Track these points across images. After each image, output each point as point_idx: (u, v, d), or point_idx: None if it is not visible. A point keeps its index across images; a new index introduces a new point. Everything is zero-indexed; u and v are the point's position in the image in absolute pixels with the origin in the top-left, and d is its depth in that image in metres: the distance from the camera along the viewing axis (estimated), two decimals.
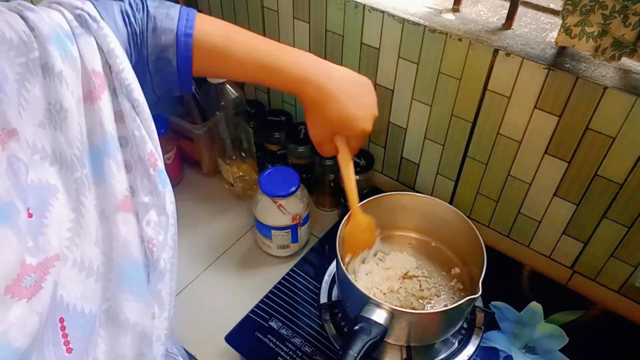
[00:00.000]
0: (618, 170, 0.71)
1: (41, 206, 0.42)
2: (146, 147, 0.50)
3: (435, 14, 0.80)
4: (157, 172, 0.51)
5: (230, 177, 1.02)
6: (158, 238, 0.51)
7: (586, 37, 0.66)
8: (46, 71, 0.44)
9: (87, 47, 0.47)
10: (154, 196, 0.51)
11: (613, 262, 0.79)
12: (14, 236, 0.37)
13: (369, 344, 0.61)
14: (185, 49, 0.55)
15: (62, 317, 0.41)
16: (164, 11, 0.55)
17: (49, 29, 0.44)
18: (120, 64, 0.49)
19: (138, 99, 0.50)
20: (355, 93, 0.60)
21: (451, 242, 0.83)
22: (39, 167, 0.43)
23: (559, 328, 0.79)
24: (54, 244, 0.41)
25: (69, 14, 0.47)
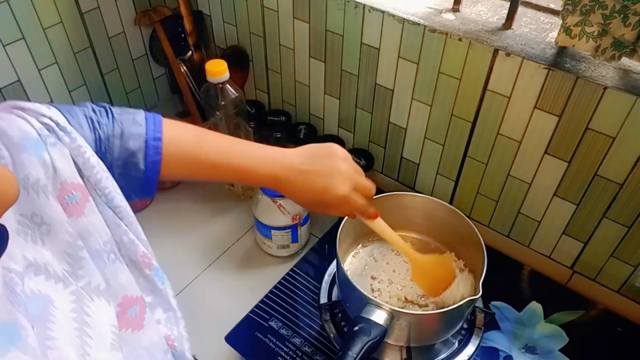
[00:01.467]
0: (618, 170, 0.70)
1: (42, 317, 0.40)
2: (137, 249, 0.51)
3: (435, 14, 0.80)
4: (152, 271, 0.52)
5: None
6: (173, 332, 0.53)
7: (586, 37, 0.66)
8: (24, 183, 0.42)
9: (61, 158, 0.45)
10: (155, 294, 0.53)
11: (613, 262, 0.79)
12: (30, 358, 0.35)
13: (369, 344, 0.61)
14: (154, 152, 0.54)
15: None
16: (130, 117, 0.55)
17: (19, 136, 0.42)
18: (97, 173, 0.48)
19: (120, 205, 0.50)
20: (321, 168, 0.61)
21: (451, 242, 0.83)
22: (31, 278, 0.41)
23: (559, 328, 0.79)
24: (69, 356, 0.39)
25: (36, 122, 0.45)
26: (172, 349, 0.52)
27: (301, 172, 0.60)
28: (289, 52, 1.01)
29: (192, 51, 1.10)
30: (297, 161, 0.61)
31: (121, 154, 0.53)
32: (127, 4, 1.03)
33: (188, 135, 0.58)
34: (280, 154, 0.61)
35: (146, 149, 0.53)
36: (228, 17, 1.08)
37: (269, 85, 1.12)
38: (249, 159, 0.59)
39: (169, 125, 0.57)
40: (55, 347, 0.38)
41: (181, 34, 1.08)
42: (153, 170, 0.54)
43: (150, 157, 0.54)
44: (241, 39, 1.09)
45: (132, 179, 0.54)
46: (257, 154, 0.60)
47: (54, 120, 0.47)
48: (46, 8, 0.90)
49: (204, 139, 0.58)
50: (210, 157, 0.57)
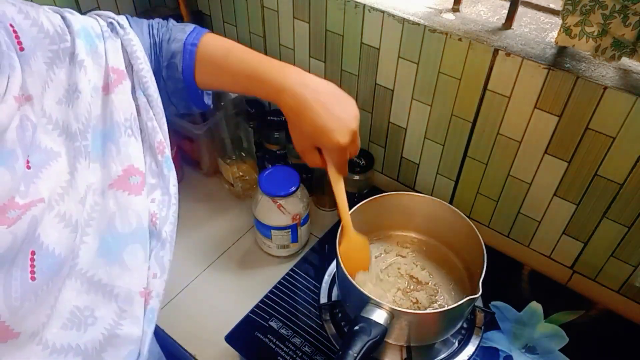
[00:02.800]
0: (618, 170, 0.71)
1: (40, 164, 0.49)
2: (157, 136, 0.59)
3: (435, 14, 0.80)
4: (164, 158, 0.59)
5: (230, 177, 1.02)
6: (161, 213, 0.58)
7: (586, 37, 0.66)
8: (72, 59, 0.53)
9: (112, 48, 0.57)
10: (160, 178, 0.59)
11: (613, 262, 0.79)
12: (8, 175, 0.44)
13: (369, 344, 0.61)
14: (189, 57, 0.62)
15: (34, 250, 0.46)
16: (181, 27, 0.65)
17: (80, 27, 0.54)
18: (141, 64, 0.58)
19: (152, 95, 0.59)
20: (333, 105, 0.61)
21: (451, 242, 0.83)
22: (49, 134, 0.50)
23: (559, 328, 0.79)
24: (42, 193, 0.47)
25: (103, 21, 0.58)
26: (152, 225, 0.57)
27: (316, 99, 0.60)
28: (289, 52, 1.01)
29: None
30: (315, 85, 0.61)
31: (166, 55, 0.63)
32: (127, 4, 1.03)
33: (221, 44, 0.64)
34: (299, 71, 0.62)
35: (184, 52, 0.62)
36: (228, 17, 1.08)
37: None
38: (265, 68, 0.61)
39: (209, 37, 0.64)
40: (37, 184, 0.47)
41: None
42: (189, 73, 0.63)
43: (186, 61, 0.62)
44: (241, 39, 1.09)
45: (176, 81, 0.63)
46: (273, 65, 0.62)
47: (117, 21, 0.59)
48: None
49: (233, 50, 0.64)
50: (232, 65, 0.62)
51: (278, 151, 1.04)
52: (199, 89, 0.65)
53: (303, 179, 0.89)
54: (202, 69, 0.63)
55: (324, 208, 1.03)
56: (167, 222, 0.59)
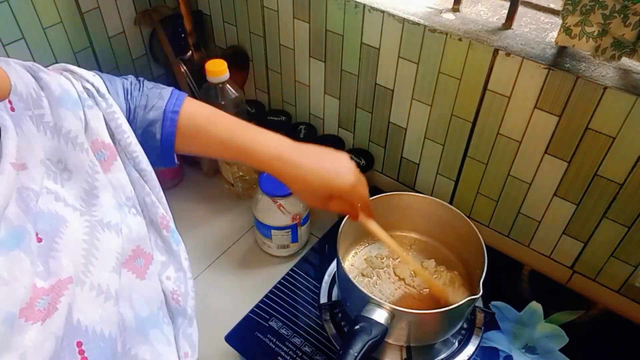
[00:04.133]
0: (618, 170, 0.71)
1: (51, 232, 0.43)
2: (157, 211, 0.55)
3: (435, 14, 0.80)
4: (170, 232, 0.56)
5: (230, 177, 1.02)
6: (180, 289, 0.56)
7: (586, 37, 0.66)
8: (55, 132, 0.47)
9: (95, 119, 0.51)
10: (169, 255, 0.56)
11: (613, 262, 0.79)
12: (27, 259, 0.39)
13: (370, 343, 0.61)
14: (170, 124, 0.58)
15: (80, 341, 0.41)
16: (157, 91, 0.60)
17: (60, 92, 0.48)
18: (128, 138, 0.53)
19: (146, 169, 0.54)
20: (327, 157, 0.62)
21: (451, 242, 0.84)
22: (46, 198, 0.45)
23: (559, 328, 0.79)
24: (67, 268, 0.42)
25: (79, 84, 0.51)
26: (175, 303, 0.55)
27: (309, 156, 0.61)
28: (289, 52, 1.01)
29: (192, 51, 1.10)
30: (305, 146, 0.62)
31: (142, 123, 0.58)
32: (127, 4, 1.03)
33: (203, 113, 0.61)
34: (285, 138, 0.62)
35: (163, 120, 0.58)
36: (228, 17, 1.08)
37: (269, 85, 1.12)
38: (256, 138, 0.60)
39: (189, 103, 0.61)
40: (57, 258, 0.42)
41: (181, 33, 1.08)
42: (168, 140, 0.59)
43: (166, 128, 0.58)
44: (241, 39, 1.09)
45: (151, 148, 0.58)
46: (264, 134, 0.61)
47: (96, 86, 0.52)
48: (46, 8, 0.90)
49: (217, 118, 0.61)
50: (219, 134, 0.60)
51: None
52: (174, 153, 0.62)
53: None
54: (184, 138, 0.59)
55: None
56: (188, 298, 0.58)
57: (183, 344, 0.55)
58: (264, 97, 1.15)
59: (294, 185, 0.61)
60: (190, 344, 0.56)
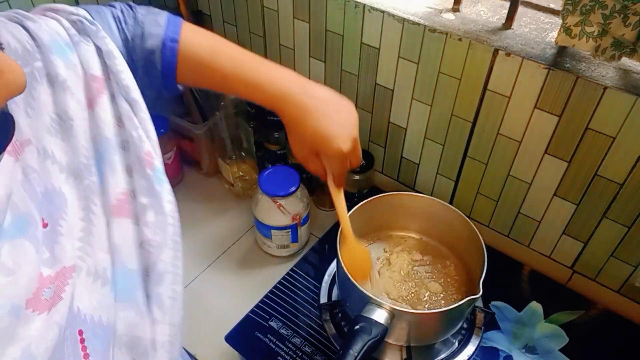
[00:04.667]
0: (618, 170, 0.71)
1: (54, 214, 0.42)
2: (143, 146, 0.49)
3: (435, 14, 0.80)
4: (153, 171, 0.50)
5: (230, 177, 1.02)
6: (156, 239, 0.49)
7: (586, 37, 0.66)
8: (50, 80, 0.45)
9: (86, 53, 0.48)
10: (151, 196, 0.49)
11: (613, 262, 0.79)
12: (32, 248, 0.38)
13: (370, 343, 0.61)
14: (170, 53, 0.56)
15: (81, 329, 0.41)
16: (152, 17, 0.56)
17: (49, 38, 0.46)
18: (119, 64, 0.49)
19: (136, 99, 0.50)
20: (333, 112, 0.60)
21: (451, 242, 0.83)
22: (51, 173, 0.43)
23: (559, 328, 0.79)
24: (69, 254, 0.42)
25: (66, 21, 0.48)
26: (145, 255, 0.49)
27: (317, 105, 0.58)
28: (289, 52, 1.01)
29: None
30: (314, 92, 0.59)
31: (142, 53, 0.55)
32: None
33: (205, 42, 0.58)
34: (297, 76, 0.59)
35: (163, 49, 0.55)
36: (228, 17, 1.08)
37: None
38: (260, 73, 0.57)
39: (188, 30, 0.57)
40: (60, 243, 0.41)
41: None
42: (170, 70, 0.56)
43: (166, 58, 0.55)
44: (241, 39, 1.09)
45: (153, 78, 0.56)
46: (271, 69, 0.58)
47: (82, 15, 0.49)
48: None
49: (220, 48, 0.58)
50: (222, 67, 0.57)
51: (278, 151, 1.04)
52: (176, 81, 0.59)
53: (303, 179, 0.89)
54: (186, 68, 0.57)
55: (324, 208, 1.03)
56: (164, 249, 0.49)
57: (152, 308, 0.47)
58: None
59: (289, 127, 0.60)
60: (160, 307, 0.48)
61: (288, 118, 0.59)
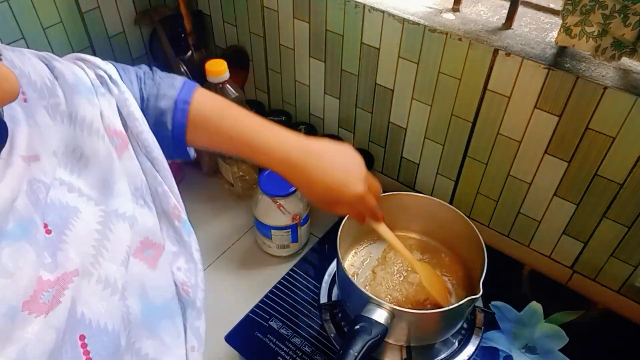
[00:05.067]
0: (618, 170, 0.71)
1: (61, 224, 0.43)
2: (169, 201, 0.54)
3: (435, 14, 0.80)
4: (181, 223, 0.55)
5: (230, 177, 1.02)
6: (191, 281, 0.55)
7: (586, 37, 0.66)
8: (72, 120, 0.47)
9: (108, 107, 0.50)
10: (181, 245, 0.55)
11: (613, 262, 0.79)
12: (32, 251, 0.38)
13: (370, 343, 0.61)
14: (181, 115, 0.57)
15: (83, 334, 0.41)
16: (170, 80, 0.59)
17: (74, 80, 0.48)
18: (140, 126, 0.52)
19: (158, 158, 0.53)
20: (336, 162, 0.61)
21: (451, 242, 0.84)
22: (58, 190, 0.44)
23: (559, 328, 0.79)
24: (74, 260, 0.42)
25: (92, 72, 0.51)
26: (185, 294, 0.54)
27: (319, 160, 0.60)
28: (289, 52, 1.01)
29: (192, 51, 1.10)
30: (316, 148, 0.60)
31: (154, 112, 0.57)
32: (127, 4, 1.03)
33: (215, 105, 0.60)
34: (297, 137, 0.60)
35: (174, 110, 0.57)
36: (228, 17, 1.08)
37: (269, 85, 1.12)
38: (264, 137, 0.59)
39: (201, 94, 0.59)
40: (64, 250, 0.42)
41: (181, 33, 1.08)
42: (179, 130, 0.57)
43: (177, 119, 0.57)
44: (241, 39, 1.09)
45: (163, 138, 0.57)
46: (274, 132, 0.60)
47: (108, 74, 0.52)
48: (46, 8, 0.90)
49: (228, 111, 0.60)
50: (229, 129, 0.59)
51: None
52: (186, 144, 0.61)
53: None
54: (194, 130, 0.58)
55: None
56: (198, 290, 0.56)
57: (190, 337, 0.54)
58: (264, 97, 1.15)
59: (300, 189, 0.62)
60: (197, 337, 0.55)
61: (296, 181, 0.61)
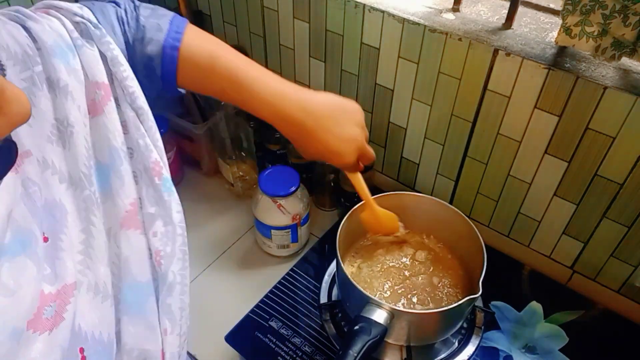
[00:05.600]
0: (618, 170, 0.71)
1: (55, 228, 0.41)
2: (151, 155, 0.49)
3: (435, 14, 0.80)
4: (162, 180, 0.49)
5: (230, 177, 1.02)
6: (166, 249, 0.49)
7: (586, 37, 0.66)
8: (51, 85, 0.44)
9: (89, 58, 0.47)
10: (159, 206, 0.49)
11: (613, 262, 0.79)
12: (33, 266, 0.37)
13: (369, 343, 0.61)
14: (170, 61, 0.54)
15: (82, 347, 0.40)
16: (155, 21, 0.54)
17: (52, 41, 0.44)
18: (124, 71, 0.48)
19: (142, 107, 0.49)
20: (334, 127, 0.59)
21: (451, 242, 0.83)
22: (51, 185, 0.43)
23: (559, 328, 0.79)
24: (71, 270, 0.41)
25: (69, 22, 0.47)
26: (157, 265, 0.49)
27: (316, 122, 0.57)
28: (289, 52, 1.01)
29: None
30: (313, 107, 0.58)
31: (142, 59, 0.53)
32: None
33: (205, 48, 0.56)
34: (296, 90, 0.58)
35: (163, 56, 0.53)
36: (228, 17, 1.08)
37: None
38: (257, 83, 0.56)
39: (191, 36, 0.55)
40: (62, 259, 0.40)
41: None
42: (169, 76, 0.55)
43: (165, 66, 0.54)
44: (241, 39, 1.09)
45: (152, 81, 0.54)
46: (269, 83, 0.56)
47: (86, 18, 0.48)
48: None
49: (220, 53, 0.56)
50: (221, 72, 0.55)
51: (278, 151, 1.04)
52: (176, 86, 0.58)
53: (303, 179, 0.89)
54: (185, 74, 0.55)
55: (324, 208, 1.03)
56: (174, 260, 0.49)
57: (162, 318, 0.48)
58: None
59: (292, 141, 0.60)
60: (170, 318, 0.48)
61: (288, 135, 0.59)
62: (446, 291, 0.78)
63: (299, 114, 0.56)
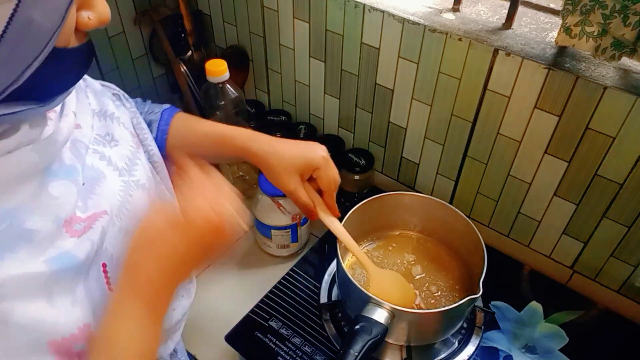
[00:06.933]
0: (618, 170, 0.71)
1: (92, 181, 0.50)
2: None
3: (435, 14, 0.80)
4: None
5: (230, 177, 1.02)
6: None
7: (586, 37, 0.66)
8: (102, 115, 0.56)
9: (124, 116, 0.60)
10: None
11: (613, 262, 0.79)
12: (74, 187, 0.46)
13: (370, 343, 0.61)
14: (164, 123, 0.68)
15: (105, 262, 0.48)
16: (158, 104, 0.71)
17: (100, 88, 0.58)
18: (145, 134, 0.62)
19: (158, 162, 0.62)
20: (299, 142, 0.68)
21: (451, 242, 0.83)
22: (92, 156, 0.51)
23: (559, 328, 0.79)
24: (103, 205, 0.49)
25: (109, 92, 0.61)
26: None
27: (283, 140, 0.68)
28: (289, 51, 1.01)
29: (192, 51, 1.10)
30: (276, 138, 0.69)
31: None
32: (127, 3, 1.03)
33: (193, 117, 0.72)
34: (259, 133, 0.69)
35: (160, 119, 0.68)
36: (228, 17, 1.08)
37: (269, 85, 1.12)
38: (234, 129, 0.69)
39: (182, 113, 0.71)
40: (94, 199, 0.48)
41: (181, 33, 1.08)
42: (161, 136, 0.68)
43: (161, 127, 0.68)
44: (241, 38, 1.09)
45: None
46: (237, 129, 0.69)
47: (120, 93, 0.63)
48: None
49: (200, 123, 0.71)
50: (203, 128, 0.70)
51: None
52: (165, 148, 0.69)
53: None
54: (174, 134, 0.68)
55: None
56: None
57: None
58: (264, 97, 1.15)
59: (269, 160, 0.65)
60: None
61: (262, 153, 0.65)
62: (446, 291, 0.78)
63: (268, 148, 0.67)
